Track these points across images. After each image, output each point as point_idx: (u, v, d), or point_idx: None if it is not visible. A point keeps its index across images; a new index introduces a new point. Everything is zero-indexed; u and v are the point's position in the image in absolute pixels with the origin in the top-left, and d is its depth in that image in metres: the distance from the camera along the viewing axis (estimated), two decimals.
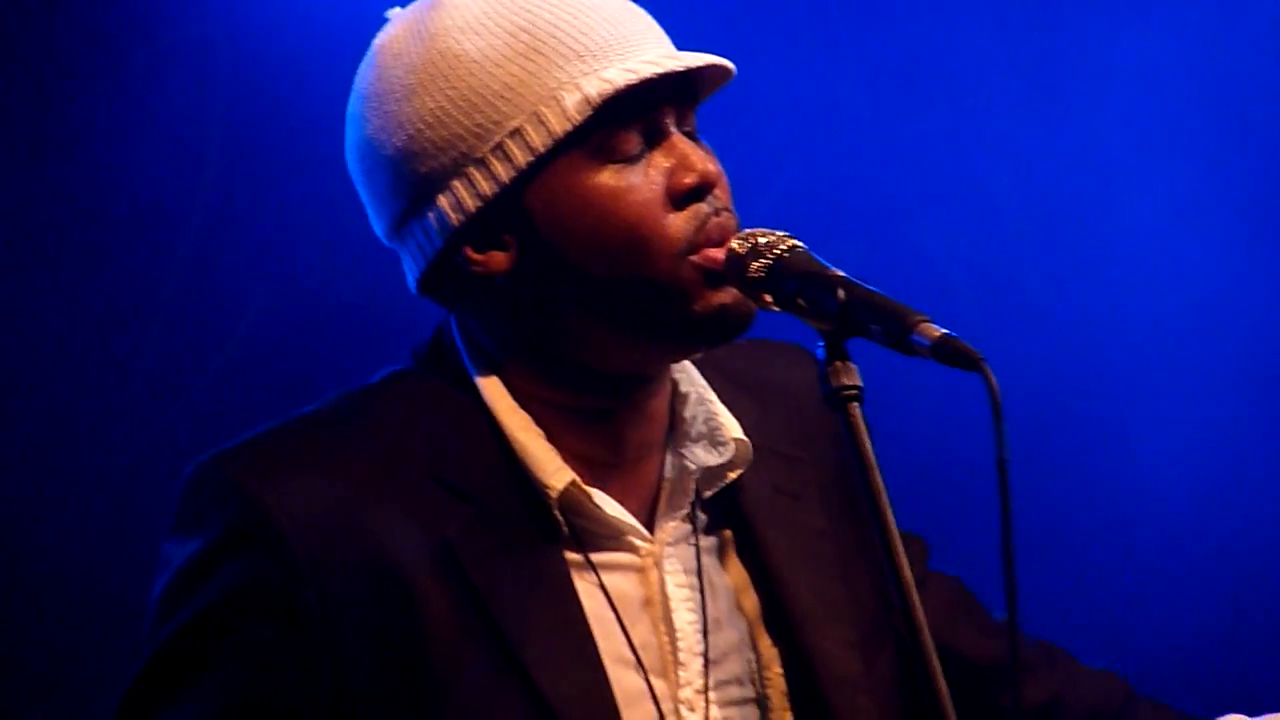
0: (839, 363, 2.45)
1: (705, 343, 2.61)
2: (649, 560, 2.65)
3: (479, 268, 2.59)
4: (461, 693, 2.50)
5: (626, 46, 2.57)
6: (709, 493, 2.70)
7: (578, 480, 2.60)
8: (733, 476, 2.70)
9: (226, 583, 2.50)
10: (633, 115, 2.56)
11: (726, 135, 2.71)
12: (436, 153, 2.57)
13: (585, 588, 2.60)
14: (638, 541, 2.65)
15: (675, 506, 2.68)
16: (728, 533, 2.72)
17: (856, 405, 2.43)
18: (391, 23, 2.65)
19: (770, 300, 2.53)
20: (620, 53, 2.56)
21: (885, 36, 4.77)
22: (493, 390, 2.62)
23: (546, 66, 2.55)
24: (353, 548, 2.51)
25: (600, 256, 2.56)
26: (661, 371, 2.67)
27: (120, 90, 4.31)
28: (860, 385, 2.44)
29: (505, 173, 2.56)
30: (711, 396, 2.72)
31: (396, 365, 2.70)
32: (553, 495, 2.59)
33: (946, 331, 2.39)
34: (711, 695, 2.65)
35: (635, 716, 2.58)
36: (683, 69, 2.56)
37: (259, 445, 2.59)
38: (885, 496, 2.42)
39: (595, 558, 2.62)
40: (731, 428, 2.70)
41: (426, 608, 2.51)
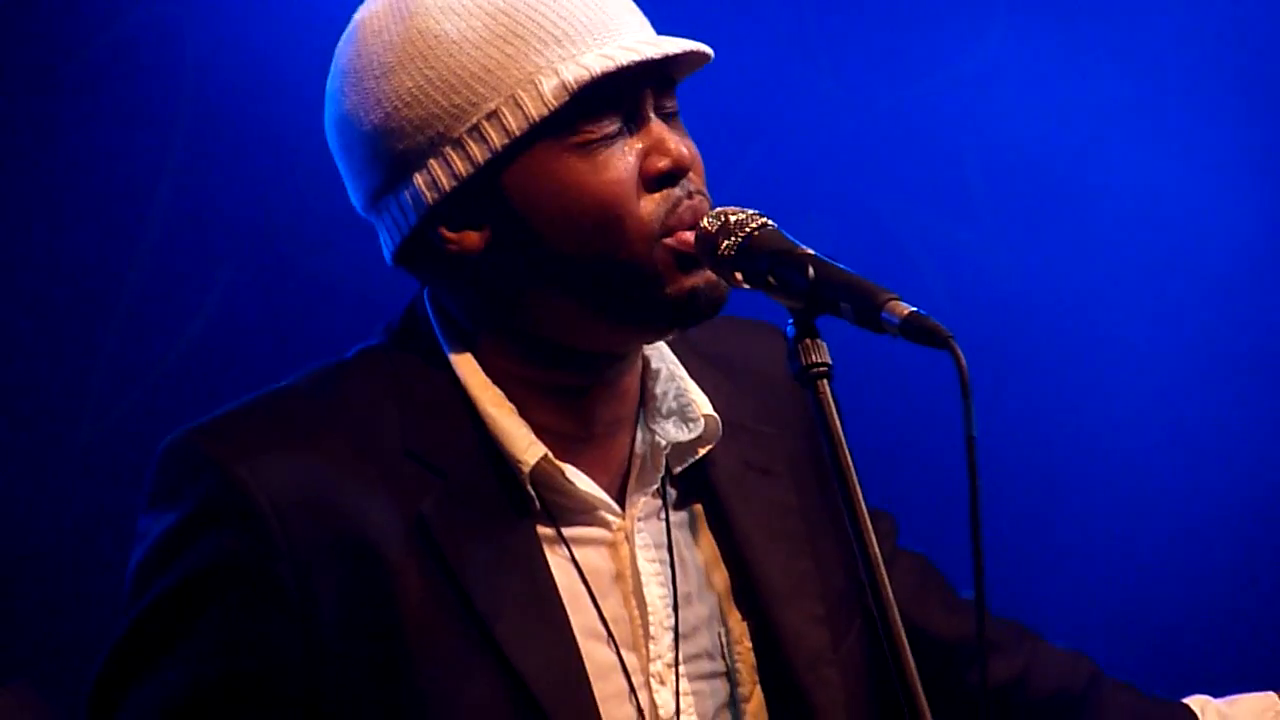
0: (808, 340, 2.47)
1: (677, 325, 2.63)
2: (620, 535, 2.68)
3: (453, 246, 2.61)
4: (434, 664, 2.52)
5: (605, 31, 2.58)
6: (679, 468, 2.73)
7: (549, 455, 2.62)
8: (703, 452, 2.73)
9: (202, 555, 2.52)
10: (610, 100, 2.58)
11: (701, 114, 2.72)
12: (413, 131, 2.59)
13: (557, 561, 2.63)
14: (609, 516, 2.67)
15: (646, 482, 2.70)
16: (698, 507, 2.75)
17: (826, 382, 2.45)
18: None
19: (741, 278, 2.55)
20: (599, 37, 2.58)
21: (870, 14, 4.78)
22: (465, 366, 2.64)
23: (524, 50, 2.56)
24: (327, 521, 2.53)
25: (573, 238, 2.57)
26: (634, 349, 2.69)
27: (85, 76, 4.31)
28: (829, 362, 2.46)
29: (481, 154, 2.57)
30: (682, 373, 2.74)
31: (370, 341, 2.71)
32: (525, 470, 2.61)
33: (915, 309, 2.41)
34: (682, 669, 2.67)
35: (606, 689, 2.61)
36: (660, 56, 2.57)
37: (233, 420, 2.60)
38: (854, 473, 2.45)
39: (567, 532, 2.64)
40: (702, 404, 2.72)
41: (400, 580, 2.53)
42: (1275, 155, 4.79)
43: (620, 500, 2.69)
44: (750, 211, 2.57)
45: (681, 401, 2.72)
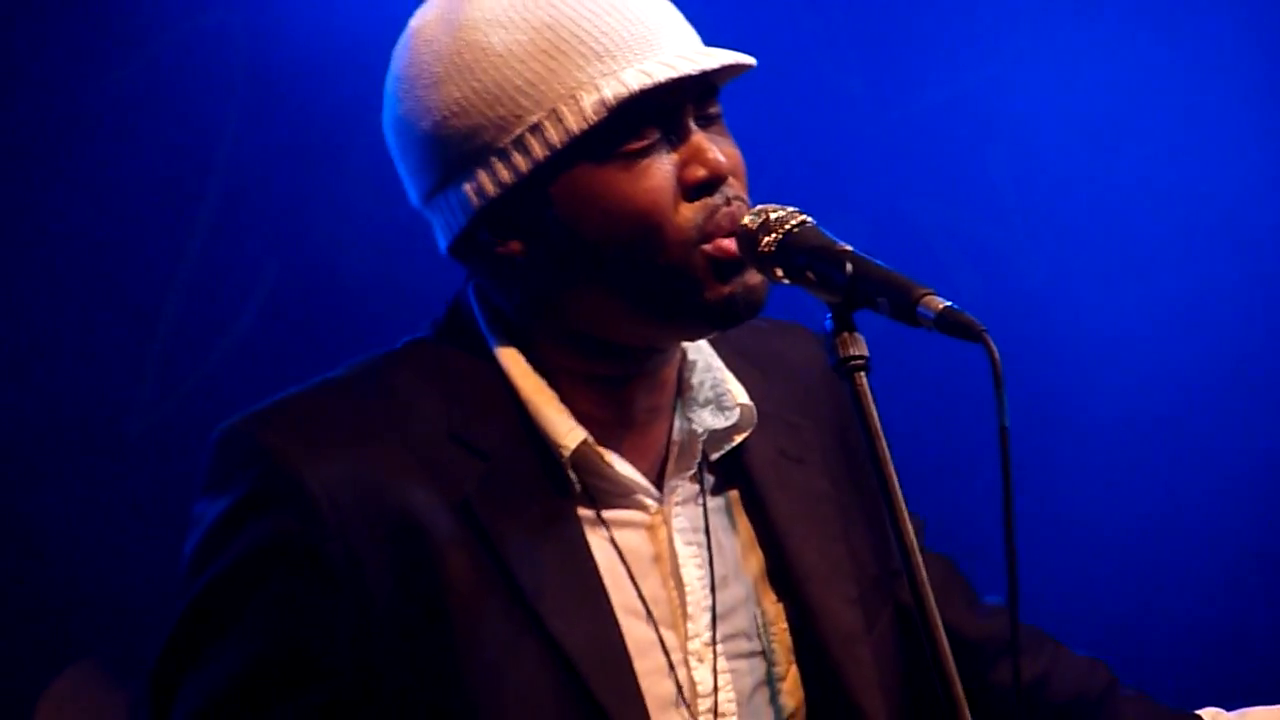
0: (846, 334, 2.52)
1: (717, 327, 2.69)
2: (658, 518, 2.73)
3: (500, 247, 2.67)
4: (481, 643, 2.58)
5: (646, 46, 2.63)
6: (715, 455, 2.79)
7: (590, 440, 2.68)
8: (738, 439, 2.79)
9: (254, 538, 2.57)
10: (649, 113, 2.63)
11: (735, 115, 2.77)
12: (461, 140, 2.65)
13: (597, 542, 2.68)
14: (647, 500, 2.72)
15: (683, 467, 2.76)
16: (734, 493, 2.80)
17: (863, 375, 2.51)
18: (427, 4, 2.72)
19: (781, 274, 2.60)
20: (640, 53, 2.62)
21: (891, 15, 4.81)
22: (509, 356, 2.70)
23: (567, 65, 2.62)
24: (375, 503, 2.58)
25: (614, 245, 2.63)
26: (674, 344, 2.76)
27: (135, 76, 4.35)
28: (867, 355, 2.51)
29: (524, 164, 2.63)
30: (719, 364, 2.80)
31: (417, 333, 2.78)
32: (565, 453, 2.66)
33: (950, 304, 2.46)
34: (719, 648, 2.73)
35: (646, 665, 2.66)
36: (697, 72, 2.62)
37: (283, 408, 2.66)
38: (891, 464, 2.50)
39: (606, 514, 2.70)
40: (738, 393, 2.78)
41: (446, 559, 2.59)
42: None
43: (659, 485, 2.74)
44: (790, 209, 2.62)
45: (718, 390, 2.78)
